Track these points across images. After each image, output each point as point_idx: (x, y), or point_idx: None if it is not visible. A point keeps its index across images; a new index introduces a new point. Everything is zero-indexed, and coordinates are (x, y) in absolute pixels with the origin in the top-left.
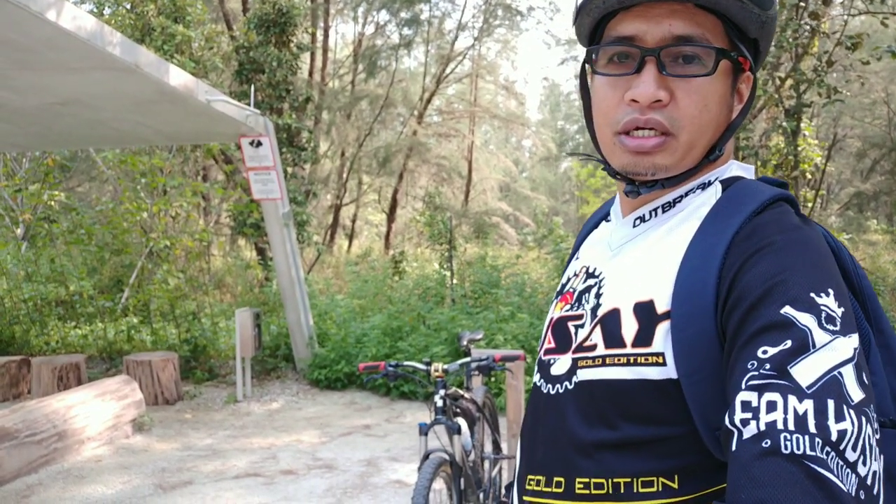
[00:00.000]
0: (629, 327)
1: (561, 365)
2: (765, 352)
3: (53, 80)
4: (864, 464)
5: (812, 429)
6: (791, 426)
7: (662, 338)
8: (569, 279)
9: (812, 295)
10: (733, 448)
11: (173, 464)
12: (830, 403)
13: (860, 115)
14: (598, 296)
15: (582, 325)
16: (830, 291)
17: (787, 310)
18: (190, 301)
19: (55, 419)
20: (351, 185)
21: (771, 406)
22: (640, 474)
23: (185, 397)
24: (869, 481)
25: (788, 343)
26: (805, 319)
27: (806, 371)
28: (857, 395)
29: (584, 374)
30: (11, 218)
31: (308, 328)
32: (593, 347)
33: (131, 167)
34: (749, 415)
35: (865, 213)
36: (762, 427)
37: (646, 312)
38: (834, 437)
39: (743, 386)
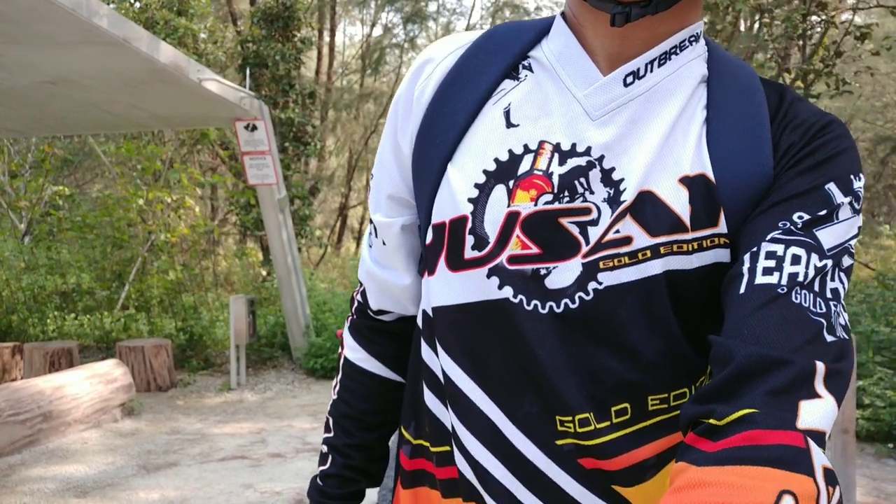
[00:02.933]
0: (681, 208)
1: (563, 275)
2: (800, 217)
3: (42, 56)
4: (844, 311)
5: (817, 287)
6: (807, 281)
7: (724, 217)
8: (514, 155)
9: (851, 177)
10: (741, 290)
11: (160, 446)
12: (836, 267)
13: (872, 118)
14: (610, 181)
15: (594, 222)
16: (861, 176)
17: (831, 186)
18: (190, 295)
19: (41, 400)
20: (359, 187)
21: (796, 259)
22: (707, 367)
23: (178, 385)
24: (848, 325)
25: (823, 213)
26: (839, 196)
27: (828, 236)
28: (847, 262)
29: (614, 278)
30: (13, 209)
31: (304, 317)
32: (627, 241)
33: (126, 153)
34: (773, 263)
35: (878, 218)
36: (784, 278)
37: (700, 189)
38: (830, 294)
39: (770, 237)
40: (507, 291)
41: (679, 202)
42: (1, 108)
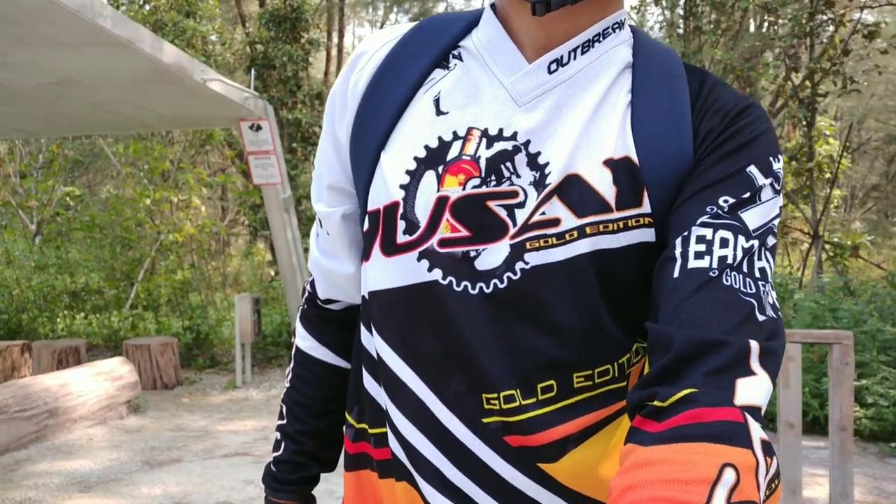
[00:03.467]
0: (606, 190)
1: (491, 256)
2: (726, 200)
3: (48, 57)
4: (772, 290)
5: (745, 268)
6: (736, 263)
7: (648, 198)
8: (444, 142)
9: (770, 158)
10: (675, 274)
11: (164, 443)
12: (762, 247)
13: (885, 118)
14: (535, 165)
15: (521, 205)
16: (780, 157)
17: (752, 168)
18: (198, 295)
19: (47, 397)
20: None
21: (724, 242)
22: (632, 344)
23: (184, 383)
24: (776, 304)
25: (747, 195)
26: (760, 178)
27: (753, 217)
28: (771, 241)
29: (541, 257)
30: (23, 209)
31: None
32: (554, 222)
33: (133, 154)
34: (703, 247)
35: (892, 218)
36: (714, 261)
37: (625, 171)
38: (758, 274)
39: (699, 221)
40: (437, 274)
41: (604, 184)
42: (9, 108)
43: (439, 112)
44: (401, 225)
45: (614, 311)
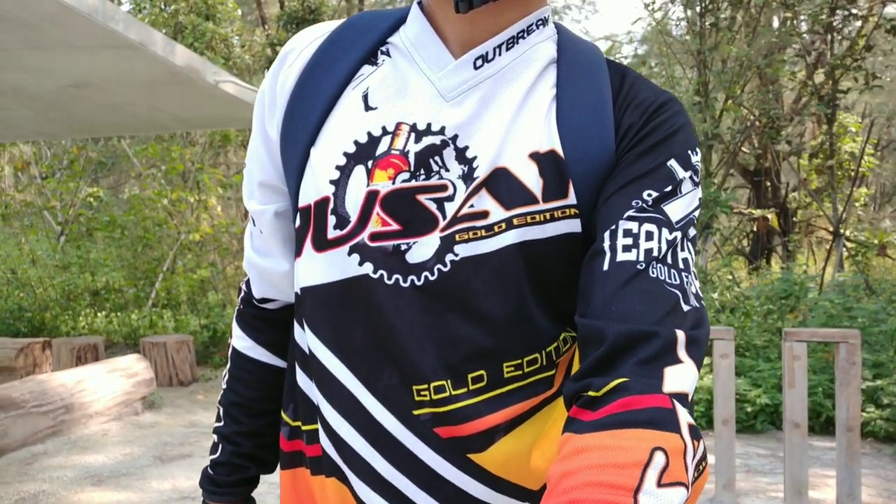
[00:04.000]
0: (532, 182)
1: (422, 249)
2: (650, 194)
3: (63, 61)
4: (695, 280)
5: (670, 259)
6: (661, 255)
7: (573, 190)
8: (373, 137)
9: (689, 152)
10: (605, 267)
11: (176, 439)
12: (685, 239)
13: None
14: (464, 159)
15: (450, 198)
16: (697, 150)
17: (672, 162)
18: (217, 294)
19: (63, 392)
20: None
21: (649, 235)
22: (560, 333)
23: (200, 380)
24: (700, 293)
25: (668, 189)
26: (681, 171)
27: (675, 210)
28: (692, 232)
29: (470, 249)
30: (47, 209)
31: None
32: (483, 215)
33: (152, 155)
34: (630, 241)
35: None
36: (641, 254)
37: (551, 163)
38: (682, 265)
39: (626, 216)
40: (368, 268)
41: (531, 176)
42: (28, 111)
43: (368, 107)
44: (331, 220)
45: (542, 301)
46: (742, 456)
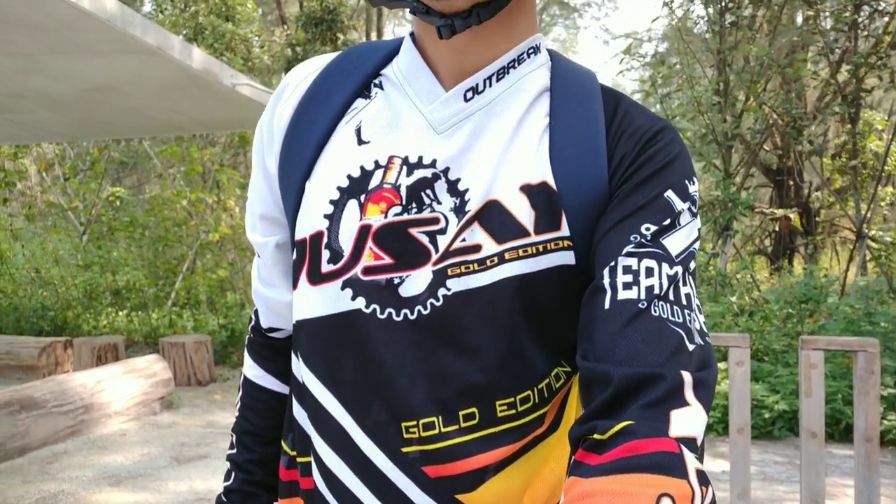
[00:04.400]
0: (524, 215)
1: (415, 283)
2: (647, 228)
3: (83, 65)
4: (700, 315)
5: (672, 296)
6: (663, 292)
7: (566, 221)
8: (365, 171)
9: (686, 182)
10: (606, 306)
11: (193, 439)
12: (686, 272)
13: None
14: (455, 191)
15: (442, 231)
16: (694, 179)
17: (669, 193)
18: (237, 293)
19: (83, 392)
20: None
21: (649, 272)
22: (553, 369)
23: (217, 380)
24: (704, 329)
25: (667, 222)
26: (678, 203)
27: (674, 243)
28: (693, 265)
29: (462, 283)
30: (70, 209)
31: None
32: (475, 249)
33: (170, 156)
34: (630, 278)
35: None
36: (642, 292)
37: (542, 195)
38: (684, 301)
39: (624, 251)
40: (360, 302)
41: (522, 209)
42: (50, 114)
43: (361, 141)
44: (325, 254)
45: (535, 335)
46: (759, 463)
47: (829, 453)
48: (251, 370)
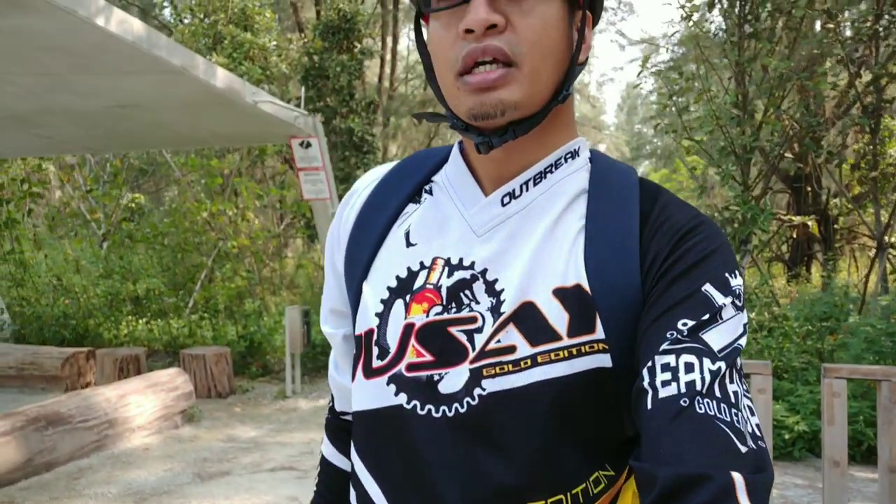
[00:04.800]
0: (557, 318)
1: (453, 380)
2: (685, 323)
3: (110, 84)
4: (753, 415)
5: (718, 393)
6: (706, 388)
7: (601, 324)
8: (412, 272)
9: (727, 276)
10: (649, 406)
11: (215, 454)
12: (732, 369)
13: None
14: (493, 291)
15: (479, 330)
16: (737, 273)
17: (707, 287)
18: (255, 300)
19: (107, 407)
20: None
21: (689, 367)
22: (591, 473)
23: (237, 391)
24: (758, 433)
25: (706, 316)
26: (719, 296)
27: (716, 338)
28: (740, 361)
29: (497, 384)
30: (94, 220)
31: None
32: (510, 350)
33: (191, 168)
34: (669, 375)
35: None
36: (682, 387)
37: (576, 298)
38: (732, 399)
39: (661, 349)
40: (402, 398)
41: (556, 312)
42: (76, 128)
43: (409, 244)
44: (375, 350)
45: (569, 438)
46: (779, 486)
47: (851, 476)
48: (326, 448)
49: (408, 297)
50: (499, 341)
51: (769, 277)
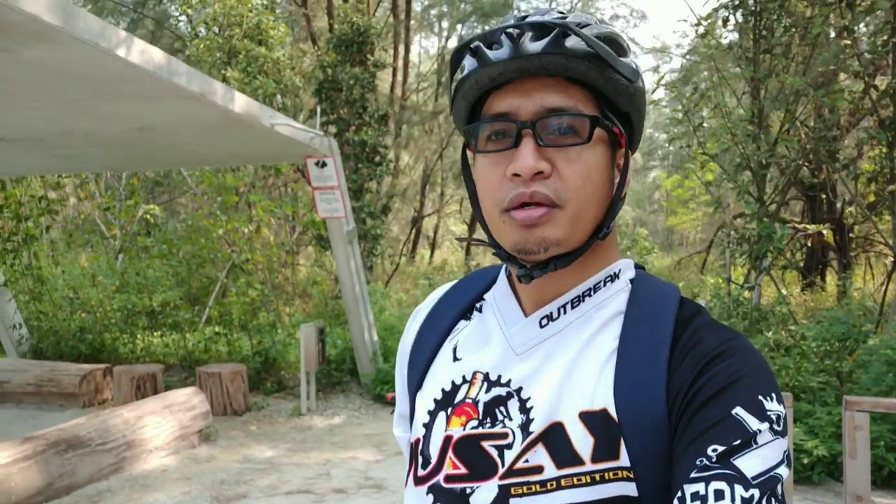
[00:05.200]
0: (582, 442)
1: (484, 494)
2: (714, 449)
3: (130, 109)
4: None
5: None
6: None
7: (626, 451)
8: (455, 385)
9: (760, 398)
10: None
11: (232, 476)
12: (773, 498)
13: None
14: (525, 409)
15: (509, 446)
16: (773, 396)
17: (739, 411)
18: (269, 312)
19: (125, 429)
20: (434, 197)
21: (719, 495)
22: None
23: (252, 408)
24: None
25: (738, 441)
26: (752, 420)
27: (750, 464)
28: (780, 489)
29: None
30: (111, 236)
31: (372, 343)
32: (538, 470)
33: (207, 185)
34: None
35: None
36: None
37: (602, 423)
38: None
39: (690, 477)
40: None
41: (581, 436)
42: (96, 150)
43: (455, 358)
44: (420, 459)
45: None
46: None
47: (872, 502)
48: None
49: (449, 410)
50: (527, 461)
51: (787, 294)
